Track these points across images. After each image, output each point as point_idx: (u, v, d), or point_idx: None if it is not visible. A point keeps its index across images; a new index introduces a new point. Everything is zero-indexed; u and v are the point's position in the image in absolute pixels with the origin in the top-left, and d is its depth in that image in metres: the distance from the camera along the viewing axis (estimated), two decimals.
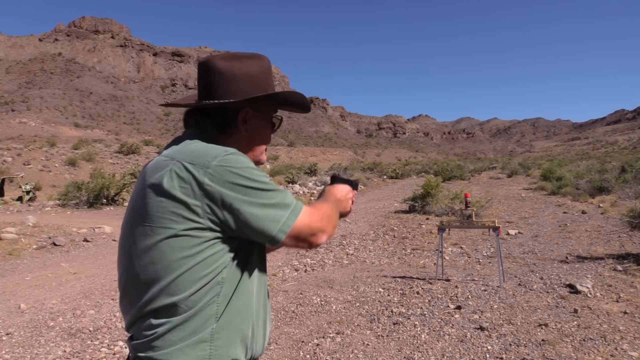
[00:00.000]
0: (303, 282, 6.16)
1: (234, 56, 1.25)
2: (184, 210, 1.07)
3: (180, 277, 1.09)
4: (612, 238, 8.34)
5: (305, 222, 1.15)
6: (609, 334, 3.96)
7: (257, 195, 1.09)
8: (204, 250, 1.10)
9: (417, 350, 3.84)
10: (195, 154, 1.11)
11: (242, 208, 1.08)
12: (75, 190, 16.16)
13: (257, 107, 1.27)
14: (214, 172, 1.07)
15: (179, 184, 1.07)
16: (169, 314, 1.09)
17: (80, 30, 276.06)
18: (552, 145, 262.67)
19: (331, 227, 1.24)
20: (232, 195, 1.07)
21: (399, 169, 37.62)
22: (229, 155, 1.10)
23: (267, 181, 1.12)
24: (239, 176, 1.08)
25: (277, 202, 1.12)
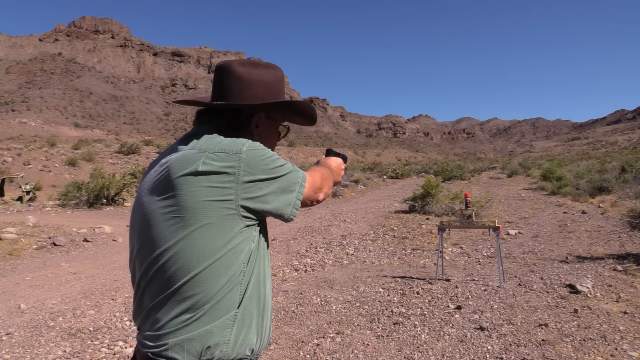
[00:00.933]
0: (303, 282, 6.16)
1: (252, 63, 1.33)
2: (220, 197, 1.14)
3: (211, 266, 1.15)
4: (612, 238, 8.34)
5: (308, 191, 1.31)
6: (609, 334, 3.96)
7: (280, 180, 1.22)
8: (234, 238, 1.17)
9: (417, 350, 3.84)
10: (224, 144, 1.19)
11: (269, 191, 1.20)
12: (75, 190, 16.15)
13: (269, 113, 1.37)
14: (247, 157, 1.17)
15: (215, 171, 1.14)
16: (198, 303, 1.14)
17: (80, 30, 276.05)
18: (552, 145, 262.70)
19: (327, 187, 1.41)
20: (263, 179, 1.18)
21: (399, 169, 37.61)
22: (253, 143, 1.21)
23: (282, 163, 1.25)
24: (266, 160, 1.20)
25: (292, 183, 1.25)
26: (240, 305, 1.19)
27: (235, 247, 1.17)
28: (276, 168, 1.22)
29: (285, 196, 1.24)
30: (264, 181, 1.19)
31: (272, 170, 1.20)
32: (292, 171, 1.27)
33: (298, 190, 1.27)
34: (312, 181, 1.33)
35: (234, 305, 1.17)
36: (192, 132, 1.28)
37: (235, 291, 1.18)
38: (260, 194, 1.19)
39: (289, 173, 1.25)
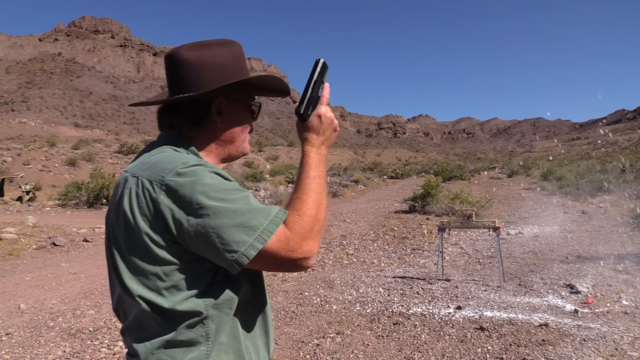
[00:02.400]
0: (303, 282, 6.16)
1: (201, 45, 1.13)
2: (145, 239, 0.97)
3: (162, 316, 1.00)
4: (612, 238, 8.34)
5: (276, 245, 0.95)
6: (609, 334, 3.95)
7: (214, 215, 0.93)
8: (177, 283, 0.98)
9: (417, 350, 3.83)
10: (154, 167, 1.00)
11: (196, 229, 0.93)
12: (75, 190, 16.16)
13: (232, 96, 1.15)
14: (168, 189, 0.95)
15: (138, 205, 0.97)
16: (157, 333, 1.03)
17: (80, 30, 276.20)
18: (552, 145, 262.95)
19: (319, 239, 1.02)
20: (188, 216, 0.94)
21: (399, 169, 37.62)
22: (186, 168, 0.97)
23: (229, 197, 0.95)
24: (196, 192, 0.94)
25: (238, 222, 0.93)
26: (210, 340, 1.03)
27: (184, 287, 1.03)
28: (214, 202, 0.94)
29: (225, 233, 0.94)
30: (190, 216, 0.96)
31: (205, 204, 0.94)
32: (245, 212, 0.95)
33: (252, 242, 0.94)
34: (286, 236, 0.97)
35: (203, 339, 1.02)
36: (152, 142, 1.16)
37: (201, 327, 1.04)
38: (186, 235, 0.97)
39: (237, 211, 0.94)
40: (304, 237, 0.98)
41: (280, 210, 0.99)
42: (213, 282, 1.00)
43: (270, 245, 0.94)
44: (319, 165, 1.10)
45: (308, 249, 0.98)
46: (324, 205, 1.06)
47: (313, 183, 1.06)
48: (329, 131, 1.15)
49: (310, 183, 1.06)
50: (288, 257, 0.96)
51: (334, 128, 1.16)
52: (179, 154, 1.05)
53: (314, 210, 1.01)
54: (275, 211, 0.98)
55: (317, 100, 1.13)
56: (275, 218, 0.97)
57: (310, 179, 1.07)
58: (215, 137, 1.15)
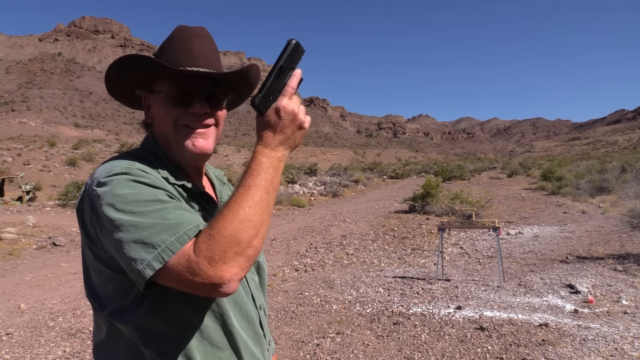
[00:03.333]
0: (303, 282, 6.16)
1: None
2: (85, 243, 0.97)
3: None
4: (612, 238, 8.34)
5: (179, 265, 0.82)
6: (609, 334, 3.96)
7: (116, 229, 0.85)
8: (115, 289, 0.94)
9: (418, 350, 3.84)
10: (94, 174, 0.97)
11: (106, 241, 0.88)
12: (75, 190, 16.17)
13: (151, 87, 1.05)
14: (89, 198, 0.92)
15: (78, 213, 0.98)
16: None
17: (80, 30, 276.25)
18: (552, 145, 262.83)
19: (236, 258, 0.83)
20: (99, 227, 0.89)
21: (399, 169, 37.64)
22: (107, 177, 0.90)
23: (139, 210, 0.85)
24: (104, 204, 0.87)
25: (138, 237, 0.83)
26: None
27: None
28: (119, 209, 0.86)
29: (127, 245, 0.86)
30: (96, 219, 0.90)
31: (112, 208, 0.87)
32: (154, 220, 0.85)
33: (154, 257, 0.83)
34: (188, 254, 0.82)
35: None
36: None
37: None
38: (95, 234, 0.94)
39: (143, 220, 0.85)
40: (211, 261, 0.81)
41: (195, 227, 0.85)
42: (146, 297, 0.92)
43: (170, 265, 0.82)
44: (263, 172, 0.89)
45: (217, 275, 0.81)
46: (254, 223, 0.85)
47: (246, 195, 0.86)
48: (290, 129, 0.93)
49: (243, 194, 0.86)
50: (192, 281, 0.82)
51: (298, 125, 0.94)
52: (117, 160, 0.96)
53: (232, 229, 0.82)
54: (187, 227, 0.84)
55: (280, 91, 0.92)
56: (183, 235, 0.83)
57: (243, 189, 0.87)
58: (156, 136, 1.07)
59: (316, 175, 28.38)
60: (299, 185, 22.14)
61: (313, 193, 19.89)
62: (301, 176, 26.30)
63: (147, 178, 0.91)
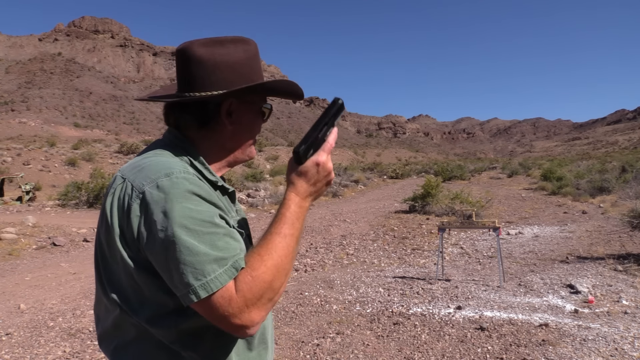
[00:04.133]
0: (303, 282, 6.16)
1: (216, 41, 1.07)
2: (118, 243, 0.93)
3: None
4: (612, 238, 8.34)
5: (222, 300, 0.85)
6: (609, 334, 3.95)
7: (170, 245, 0.86)
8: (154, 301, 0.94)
9: (418, 350, 3.83)
10: (142, 172, 0.95)
11: (153, 250, 0.88)
12: (75, 190, 16.16)
13: (243, 97, 1.09)
14: (142, 199, 0.91)
15: (117, 207, 0.94)
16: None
17: (80, 30, 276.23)
18: (553, 145, 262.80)
19: (266, 308, 0.88)
20: (149, 233, 0.89)
21: (399, 169, 37.63)
22: (166, 179, 0.91)
23: (194, 228, 0.87)
24: (162, 213, 0.88)
25: (190, 260, 0.85)
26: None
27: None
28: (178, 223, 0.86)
29: (169, 279, 0.88)
30: (150, 226, 0.89)
31: (169, 218, 0.87)
32: (209, 247, 0.86)
33: (215, 275, 0.86)
34: (229, 296, 0.86)
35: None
36: (155, 140, 1.13)
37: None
38: (145, 240, 0.91)
39: (201, 243, 0.86)
40: (248, 304, 0.85)
41: (240, 259, 0.88)
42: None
43: (213, 298, 0.84)
44: (295, 222, 0.95)
45: (249, 318, 0.85)
46: (286, 272, 0.91)
47: (282, 243, 0.92)
48: (322, 183, 1.01)
49: (279, 242, 0.92)
50: (225, 318, 0.85)
51: (328, 181, 1.02)
52: (169, 161, 0.98)
53: (270, 276, 0.88)
54: (233, 260, 0.87)
55: (321, 145, 0.99)
56: (230, 268, 0.86)
57: (279, 237, 0.92)
58: (223, 139, 1.10)
59: None
60: None
61: None
62: None
63: (203, 190, 0.93)
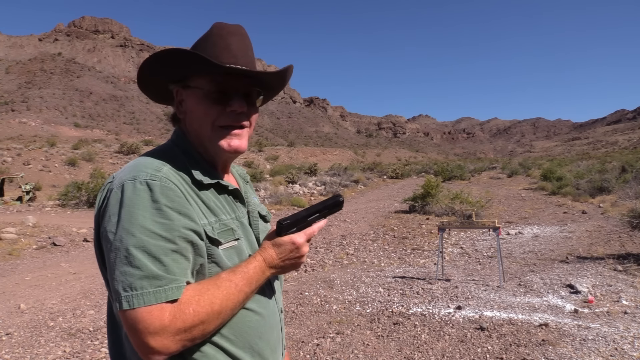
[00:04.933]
0: (303, 282, 6.16)
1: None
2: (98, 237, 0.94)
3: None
4: (612, 238, 8.34)
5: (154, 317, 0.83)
6: (609, 334, 3.96)
7: (112, 247, 0.86)
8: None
9: (417, 350, 3.83)
10: (121, 171, 0.96)
11: (103, 246, 0.90)
12: (75, 190, 16.17)
13: (186, 82, 1.02)
14: (106, 196, 0.92)
15: (97, 207, 0.95)
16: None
17: (80, 30, 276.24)
18: (552, 145, 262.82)
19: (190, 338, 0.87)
20: (100, 230, 0.91)
21: (399, 169, 37.62)
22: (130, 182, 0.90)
23: (140, 236, 0.85)
24: (115, 213, 0.88)
25: (137, 263, 0.84)
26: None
27: None
28: (117, 233, 0.86)
29: (122, 265, 0.85)
30: (107, 227, 0.88)
31: (125, 220, 0.86)
32: (137, 265, 0.84)
33: (151, 288, 0.84)
34: (166, 316, 0.84)
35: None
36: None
37: None
38: (104, 244, 0.91)
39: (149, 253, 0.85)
40: (167, 332, 0.84)
41: (177, 287, 0.86)
42: None
43: (133, 312, 0.83)
44: (252, 282, 0.95)
45: (163, 345, 0.84)
46: (222, 320, 0.91)
47: (232, 294, 0.92)
48: (290, 262, 1.01)
49: (230, 291, 0.91)
50: (137, 335, 0.83)
51: (294, 264, 1.02)
52: (147, 162, 0.95)
53: (204, 317, 0.87)
54: (170, 285, 0.86)
55: (305, 227, 1.01)
56: (161, 291, 0.84)
57: (232, 287, 0.92)
58: (191, 132, 1.05)
59: (316, 175, 28.38)
60: (299, 185, 22.15)
61: (313, 193, 19.89)
62: (301, 176, 26.30)
63: (168, 197, 0.89)
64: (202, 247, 0.93)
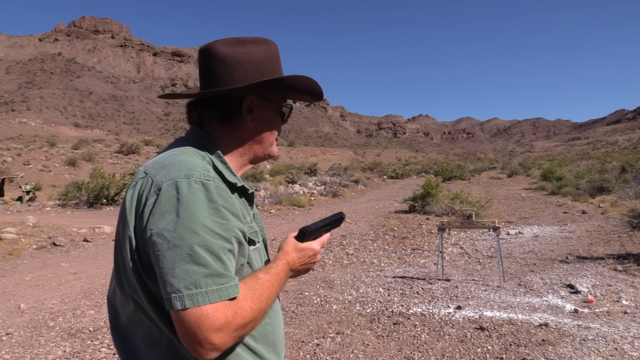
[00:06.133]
0: (303, 282, 6.16)
1: (237, 41, 1.13)
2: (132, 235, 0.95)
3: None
4: (612, 238, 8.34)
5: (212, 319, 0.86)
6: (609, 334, 3.96)
7: (176, 244, 0.87)
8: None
9: (417, 350, 3.84)
10: (164, 169, 0.97)
11: (153, 246, 0.90)
12: (75, 190, 16.16)
13: (264, 94, 1.14)
14: (158, 195, 0.92)
15: (137, 201, 0.96)
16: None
17: (80, 30, 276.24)
18: (552, 145, 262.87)
19: (253, 319, 0.93)
20: (153, 229, 0.90)
21: (399, 169, 37.62)
22: (186, 180, 0.92)
23: (201, 234, 0.88)
24: (173, 212, 0.89)
25: (202, 261, 0.87)
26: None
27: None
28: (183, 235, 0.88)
29: (183, 263, 0.87)
30: (158, 242, 0.89)
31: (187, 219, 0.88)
32: (218, 257, 0.89)
33: (212, 287, 0.87)
34: (230, 313, 0.88)
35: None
36: (178, 138, 1.15)
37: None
38: (149, 238, 0.91)
39: (212, 252, 0.88)
40: (225, 329, 0.88)
41: (236, 285, 0.91)
42: None
43: (194, 311, 0.85)
44: (281, 283, 1.04)
45: (222, 342, 0.87)
46: (264, 315, 0.98)
47: (271, 294, 1.00)
48: (304, 268, 1.14)
49: (270, 293, 0.99)
50: (195, 335, 0.85)
51: (307, 269, 1.16)
52: (193, 161, 0.99)
53: (254, 315, 0.94)
54: (230, 284, 0.89)
55: (319, 237, 1.18)
56: (224, 289, 0.88)
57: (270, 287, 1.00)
58: (244, 135, 1.13)
59: (316, 175, 28.39)
60: (299, 185, 22.15)
61: (313, 193, 19.88)
62: (301, 176, 26.31)
63: (221, 197, 0.95)
64: (245, 247, 1.00)
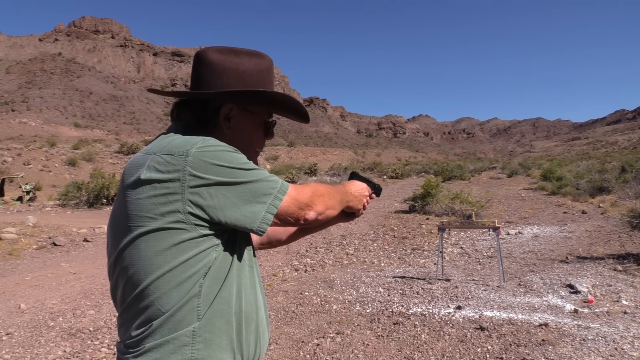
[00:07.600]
0: (303, 282, 6.16)
1: (232, 51, 1.16)
2: (164, 206, 1.00)
3: (159, 279, 1.02)
4: (612, 238, 8.34)
5: (289, 205, 1.08)
6: (609, 334, 3.96)
7: (242, 187, 1.03)
8: (186, 249, 1.02)
9: (417, 350, 3.84)
10: (174, 144, 1.04)
11: (226, 199, 1.01)
12: (75, 190, 16.17)
13: (245, 105, 1.17)
14: (194, 159, 1.00)
15: (158, 178, 1.01)
16: (149, 318, 1.03)
17: (80, 30, 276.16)
18: (552, 145, 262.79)
19: (324, 205, 1.14)
20: (214, 182, 1.01)
21: (399, 169, 37.63)
22: (209, 140, 1.04)
23: (248, 167, 1.05)
24: (223, 161, 1.02)
25: (260, 193, 1.04)
26: (201, 320, 1.04)
27: (188, 259, 1.03)
28: (236, 171, 1.02)
29: (250, 207, 1.03)
30: (217, 186, 1.01)
31: (230, 173, 1.02)
32: (263, 179, 1.05)
33: (270, 203, 1.04)
34: (295, 194, 1.09)
35: (191, 321, 1.03)
36: (162, 133, 1.17)
37: (192, 305, 1.03)
38: (213, 203, 1.01)
39: (257, 181, 1.04)
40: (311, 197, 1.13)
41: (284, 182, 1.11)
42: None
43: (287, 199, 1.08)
44: (343, 199, 1.27)
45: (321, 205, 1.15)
46: (333, 206, 1.21)
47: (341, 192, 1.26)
48: (357, 200, 1.36)
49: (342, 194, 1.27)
50: (300, 208, 1.11)
51: (360, 200, 1.39)
52: (195, 136, 1.07)
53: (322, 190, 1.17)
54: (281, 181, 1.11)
55: (371, 185, 1.47)
56: (284, 182, 1.10)
57: (340, 190, 1.27)
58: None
59: (316, 175, 28.38)
60: None
61: None
62: (301, 176, 26.31)
63: (236, 150, 1.08)
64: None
